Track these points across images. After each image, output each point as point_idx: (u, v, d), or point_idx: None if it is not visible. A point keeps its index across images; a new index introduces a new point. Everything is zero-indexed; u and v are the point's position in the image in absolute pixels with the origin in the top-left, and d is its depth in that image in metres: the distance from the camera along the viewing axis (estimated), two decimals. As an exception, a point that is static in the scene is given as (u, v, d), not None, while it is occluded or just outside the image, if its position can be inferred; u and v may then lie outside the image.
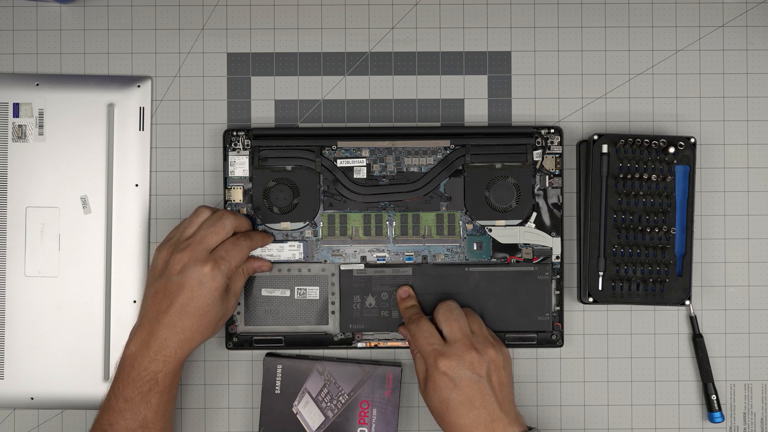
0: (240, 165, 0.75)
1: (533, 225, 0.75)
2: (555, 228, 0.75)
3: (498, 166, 0.75)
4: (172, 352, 0.68)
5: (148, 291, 0.70)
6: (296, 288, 0.75)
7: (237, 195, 0.76)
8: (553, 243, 0.75)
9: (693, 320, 0.76)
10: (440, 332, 0.71)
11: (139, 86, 0.77)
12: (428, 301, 0.75)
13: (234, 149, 0.75)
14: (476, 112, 0.77)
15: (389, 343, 0.76)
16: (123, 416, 0.67)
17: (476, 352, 0.69)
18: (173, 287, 0.68)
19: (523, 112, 0.77)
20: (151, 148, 0.77)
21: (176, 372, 0.69)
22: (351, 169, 0.75)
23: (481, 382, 0.68)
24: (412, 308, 0.74)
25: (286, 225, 0.75)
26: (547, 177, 0.75)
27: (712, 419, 0.75)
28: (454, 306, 0.72)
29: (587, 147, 0.75)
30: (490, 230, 0.75)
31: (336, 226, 0.75)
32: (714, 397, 0.75)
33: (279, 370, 0.75)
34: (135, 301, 0.76)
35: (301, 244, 0.75)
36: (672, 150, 0.73)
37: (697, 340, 0.76)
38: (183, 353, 0.68)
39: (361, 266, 0.75)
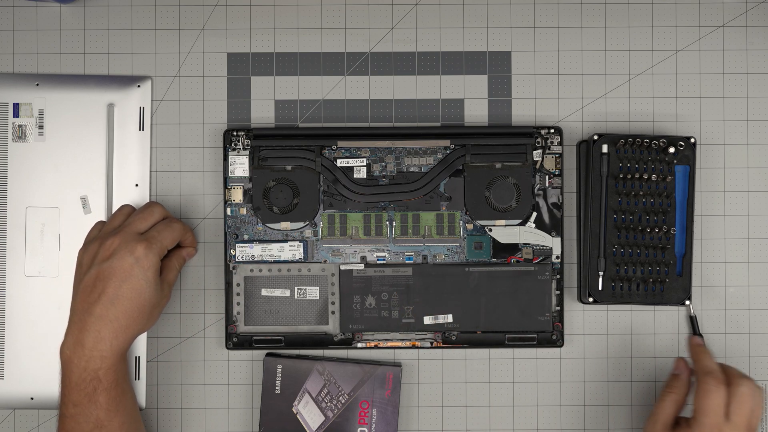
0: (240, 165, 0.75)
1: (533, 225, 0.75)
2: (555, 228, 0.75)
3: (498, 166, 0.75)
4: (107, 345, 0.66)
5: (76, 289, 0.69)
6: (296, 288, 0.75)
7: (237, 195, 0.76)
8: (553, 243, 0.75)
9: (693, 320, 0.76)
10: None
11: (139, 86, 0.77)
12: (428, 301, 0.75)
13: (234, 149, 0.75)
14: (476, 112, 0.77)
15: (389, 343, 0.76)
16: (76, 421, 0.67)
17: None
18: (105, 273, 0.67)
19: (523, 112, 0.77)
20: (151, 148, 0.77)
21: (117, 366, 0.67)
22: (351, 169, 0.75)
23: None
24: (711, 362, 0.69)
25: (286, 225, 0.75)
26: (547, 177, 0.75)
27: None
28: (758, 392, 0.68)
29: (587, 147, 0.75)
30: (490, 230, 0.75)
31: (336, 226, 0.75)
32: None
33: (279, 370, 0.75)
34: (135, 301, 0.76)
35: (301, 244, 0.75)
36: (672, 150, 0.73)
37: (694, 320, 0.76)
38: (119, 344, 0.67)
39: (361, 266, 0.75)
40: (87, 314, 0.67)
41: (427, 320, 0.75)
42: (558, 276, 0.75)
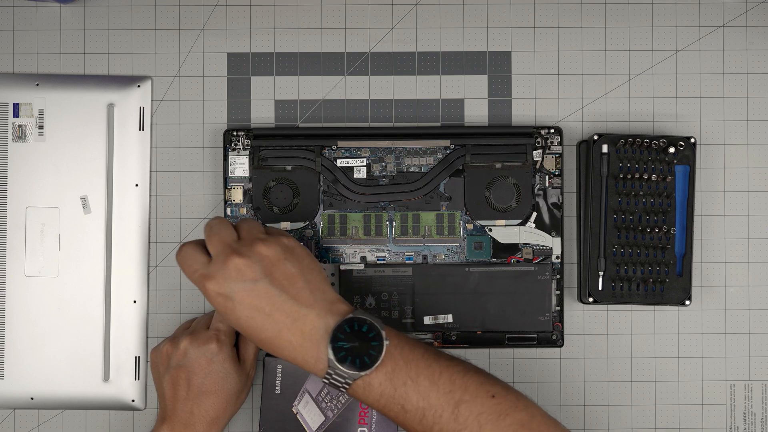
0: (240, 165, 0.75)
1: (533, 225, 0.75)
2: (555, 228, 0.75)
3: (498, 166, 0.75)
4: None
5: (160, 386, 0.71)
6: (296, 288, 0.75)
7: (237, 195, 0.76)
8: (553, 243, 0.75)
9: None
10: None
11: (139, 86, 0.77)
12: (429, 302, 0.75)
13: (234, 149, 0.76)
14: (476, 112, 0.77)
15: (389, 343, 0.76)
16: None
17: (239, 257, 0.62)
18: (183, 372, 0.69)
19: (523, 112, 0.77)
20: (151, 148, 0.77)
21: None
22: (351, 169, 0.75)
23: (258, 285, 0.62)
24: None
25: (286, 225, 0.75)
26: (547, 177, 0.76)
27: None
28: (216, 221, 0.66)
29: (587, 147, 0.75)
30: (490, 230, 0.75)
31: (336, 226, 0.75)
32: None
33: (279, 370, 0.75)
34: (135, 301, 0.76)
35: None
36: (672, 150, 0.73)
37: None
38: None
39: (361, 266, 0.75)
40: (181, 412, 0.69)
41: (427, 320, 0.75)
42: (558, 276, 0.75)
